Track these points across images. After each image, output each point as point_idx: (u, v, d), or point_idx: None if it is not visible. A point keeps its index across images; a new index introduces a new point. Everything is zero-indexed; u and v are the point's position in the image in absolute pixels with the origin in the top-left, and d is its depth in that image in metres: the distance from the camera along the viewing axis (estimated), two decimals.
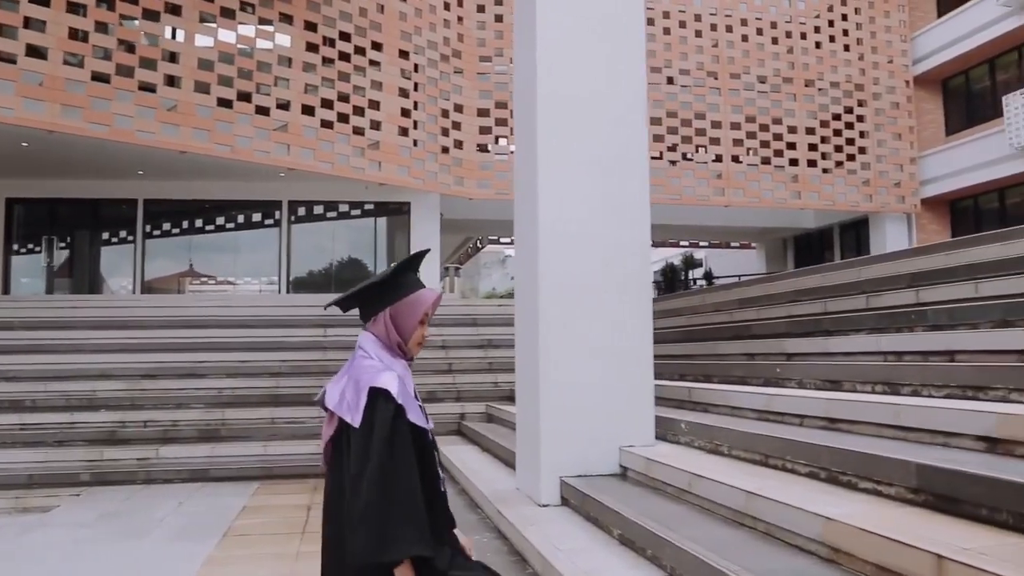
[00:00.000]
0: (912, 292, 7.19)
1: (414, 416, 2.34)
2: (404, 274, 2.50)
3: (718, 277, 26.51)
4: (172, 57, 13.96)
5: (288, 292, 17.77)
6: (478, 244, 29.56)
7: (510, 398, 10.24)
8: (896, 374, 5.33)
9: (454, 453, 9.09)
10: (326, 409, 2.41)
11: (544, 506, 5.80)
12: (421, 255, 2.62)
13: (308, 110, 15.24)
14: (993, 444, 3.90)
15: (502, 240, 27.23)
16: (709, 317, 10.95)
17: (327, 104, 15.43)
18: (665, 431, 6.21)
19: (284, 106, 14.99)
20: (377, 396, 2.26)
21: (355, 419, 2.26)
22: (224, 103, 14.23)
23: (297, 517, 7.83)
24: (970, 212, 20.32)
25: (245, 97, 14.47)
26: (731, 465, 5.04)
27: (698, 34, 19.01)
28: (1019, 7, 17.59)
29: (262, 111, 14.65)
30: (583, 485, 5.48)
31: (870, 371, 5.58)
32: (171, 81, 13.83)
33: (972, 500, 3.38)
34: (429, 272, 17.27)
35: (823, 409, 5.14)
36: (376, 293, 2.47)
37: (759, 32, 19.37)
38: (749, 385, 6.92)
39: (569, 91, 6.00)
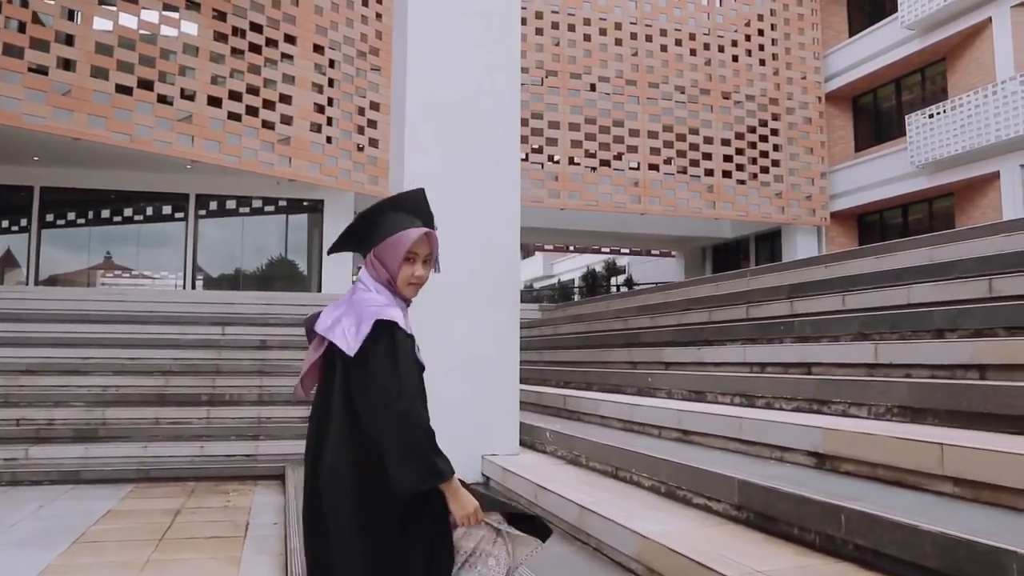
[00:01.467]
0: (787, 303, 7.25)
1: (419, 353, 2.39)
2: (382, 215, 2.48)
3: (639, 284, 26.73)
4: (68, 40, 13.38)
5: (193, 288, 17.24)
6: None
7: None
8: (754, 386, 5.33)
9: None
10: (311, 335, 2.42)
11: None
12: (414, 193, 2.55)
13: (215, 101, 14.79)
14: (821, 460, 3.88)
15: None
16: (608, 324, 10.95)
17: (235, 96, 15.00)
18: (533, 440, 6.11)
19: (190, 96, 14.52)
20: (392, 327, 2.26)
21: (351, 348, 2.24)
22: (123, 90, 13.71)
23: (161, 523, 7.50)
24: (876, 226, 20.90)
25: (147, 85, 13.95)
26: (583, 476, 4.96)
27: (618, 42, 19.11)
28: (921, 31, 18.16)
29: (164, 100, 14.16)
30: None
31: (732, 383, 5.57)
32: (66, 64, 13.26)
33: (785, 519, 3.34)
34: (340, 271, 17.00)
35: (677, 421, 5.10)
36: (357, 234, 2.49)
37: (678, 43, 19.58)
38: (623, 394, 6.88)
39: (438, 91, 5.84)
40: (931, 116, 17.84)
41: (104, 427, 10.46)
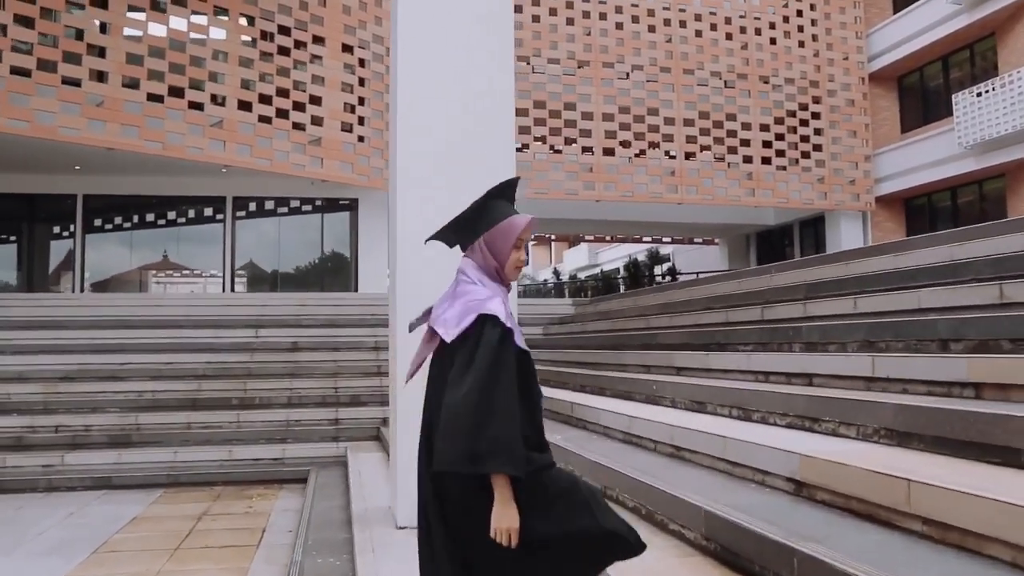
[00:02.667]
0: (802, 305, 7.03)
1: (519, 340, 2.43)
2: (494, 202, 2.58)
3: (682, 273, 26.37)
4: (101, 52, 13.65)
5: (232, 290, 17.53)
6: None
7: None
8: (753, 398, 5.15)
9: (358, 463, 8.89)
10: (429, 327, 2.53)
11: (402, 528, 5.61)
12: (511, 182, 2.70)
13: (245, 105, 14.97)
14: (799, 487, 3.74)
15: None
16: (631, 322, 10.78)
17: (265, 100, 15.16)
18: None
19: (220, 102, 14.71)
20: (486, 321, 2.34)
21: (448, 335, 2.37)
22: (155, 98, 13.95)
23: (181, 530, 7.65)
24: (924, 210, 20.24)
25: (177, 92, 14.17)
26: None
27: (651, 29, 18.78)
28: (969, 5, 17.44)
29: (195, 106, 14.37)
30: None
31: (732, 394, 5.40)
32: (99, 76, 13.55)
33: (746, 555, 3.23)
34: (376, 269, 17.10)
35: (670, 436, 4.98)
36: (469, 223, 2.57)
37: (713, 28, 19.16)
38: (632, 400, 6.76)
39: (427, 85, 5.69)
40: (979, 95, 17.14)
41: (137, 432, 10.72)
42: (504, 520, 2.26)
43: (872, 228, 20.32)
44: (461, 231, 2.60)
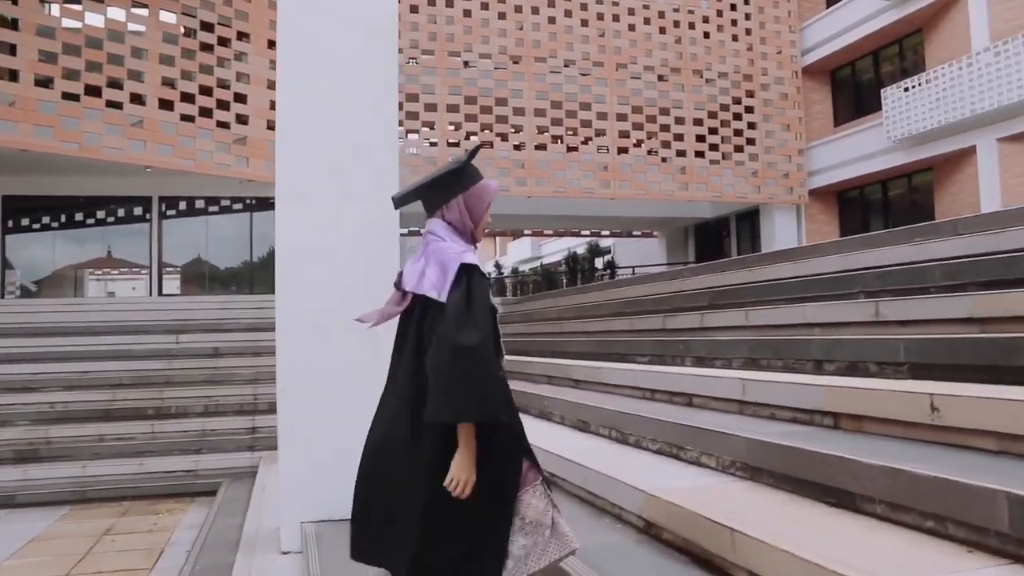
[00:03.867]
0: (699, 315, 7.02)
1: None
2: (467, 166, 2.68)
3: (621, 267, 26.43)
4: (11, 50, 13.17)
5: (160, 290, 17.15)
6: None
7: None
8: (629, 422, 5.09)
9: (267, 475, 8.71)
10: (401, 291, 2.62)
11: (285, 553, 5.49)
12: (478, 148, 2.94)
13: (167, 104, 14.57)
14: (648, 526, 3.70)
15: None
16: (547, 327, 10.72)
17: (188, 98, 14.77)
18: None
19: (140, 100, 14.31)
20: (472, 272, 2.46)
21: (442, 295, 2.44)
22: (71, 97, 13.50)
23: (78, 551, 7.45)
24: (857, 203, 20.52)
25: (95, 91, 13.73)
26: None
27: (584, 23, 18.68)
28: (897, 1, 17.66)
29: (114, 105, 13.94)
30: (324, 530, 5.16)
31: (612, 415, 5.34)
32: (11, 75, 13.09)
33: None
34: None
35: (543, 461, 4.91)
36: (453, 179, 2.65)
37: (647, 22, 19.12)
38: (527, 415, 6.68)
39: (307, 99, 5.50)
40: (906, 89, 17.39)
41: (47, 446, 10.42)
42: (465, 471, 2.36)
43: (806, 221, 20.55)
44: (442, 189, 2.65)
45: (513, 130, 18.12)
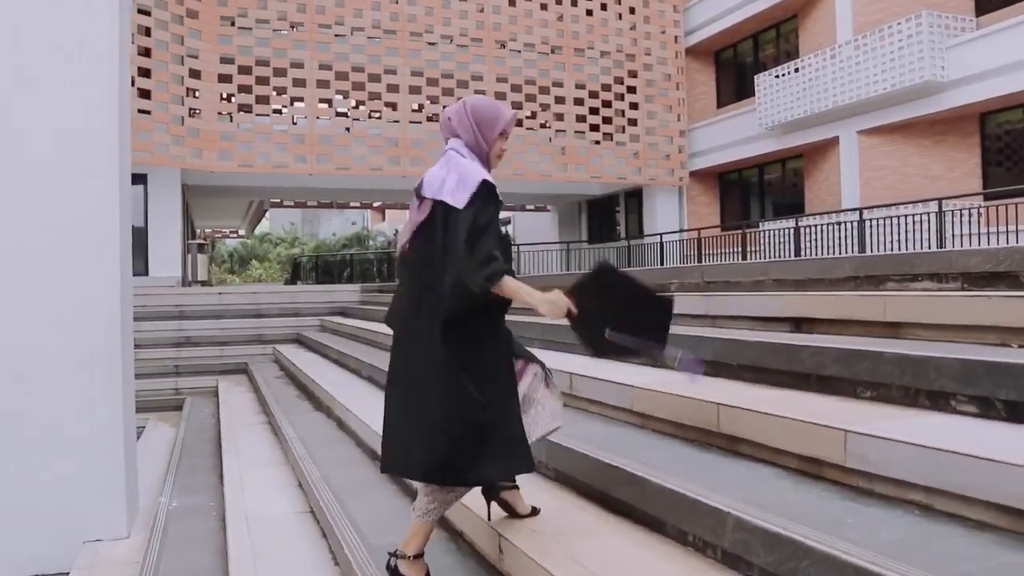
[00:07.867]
0: None
1: None
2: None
3: (517, 244, 26.20)
4: None
5: None
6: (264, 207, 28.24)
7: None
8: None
9: None
10: (420, 198, 2.66)
11: None
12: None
13: None
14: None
15: (285, 204, 26.20)
16: None
17: None
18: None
19: None
20: (491, 190, 2.55)
21: (459, 201, 2.52)
22: None
23: None
24: (737, 185, 20.68)
25: None
26: None
27: None
28: None
29: None
30: None
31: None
32: None
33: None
34: (169, 252, 16.33)
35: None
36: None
37: None
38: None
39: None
40: (778, 76, 17.44)
41: None
42: (549, 303, 2.59)
43: (687, 202, 20.65)
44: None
45: (386, 107, 17.68)
